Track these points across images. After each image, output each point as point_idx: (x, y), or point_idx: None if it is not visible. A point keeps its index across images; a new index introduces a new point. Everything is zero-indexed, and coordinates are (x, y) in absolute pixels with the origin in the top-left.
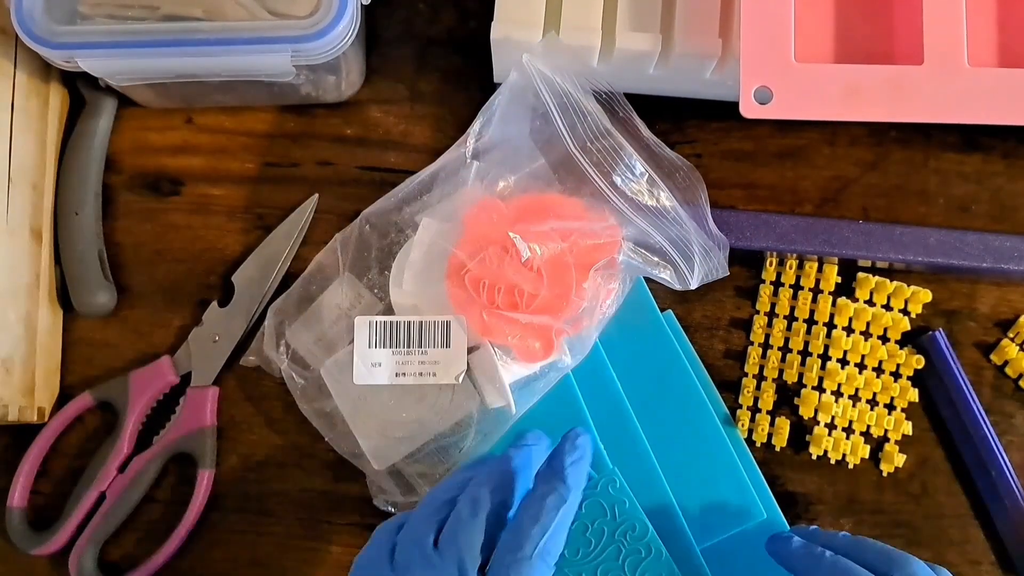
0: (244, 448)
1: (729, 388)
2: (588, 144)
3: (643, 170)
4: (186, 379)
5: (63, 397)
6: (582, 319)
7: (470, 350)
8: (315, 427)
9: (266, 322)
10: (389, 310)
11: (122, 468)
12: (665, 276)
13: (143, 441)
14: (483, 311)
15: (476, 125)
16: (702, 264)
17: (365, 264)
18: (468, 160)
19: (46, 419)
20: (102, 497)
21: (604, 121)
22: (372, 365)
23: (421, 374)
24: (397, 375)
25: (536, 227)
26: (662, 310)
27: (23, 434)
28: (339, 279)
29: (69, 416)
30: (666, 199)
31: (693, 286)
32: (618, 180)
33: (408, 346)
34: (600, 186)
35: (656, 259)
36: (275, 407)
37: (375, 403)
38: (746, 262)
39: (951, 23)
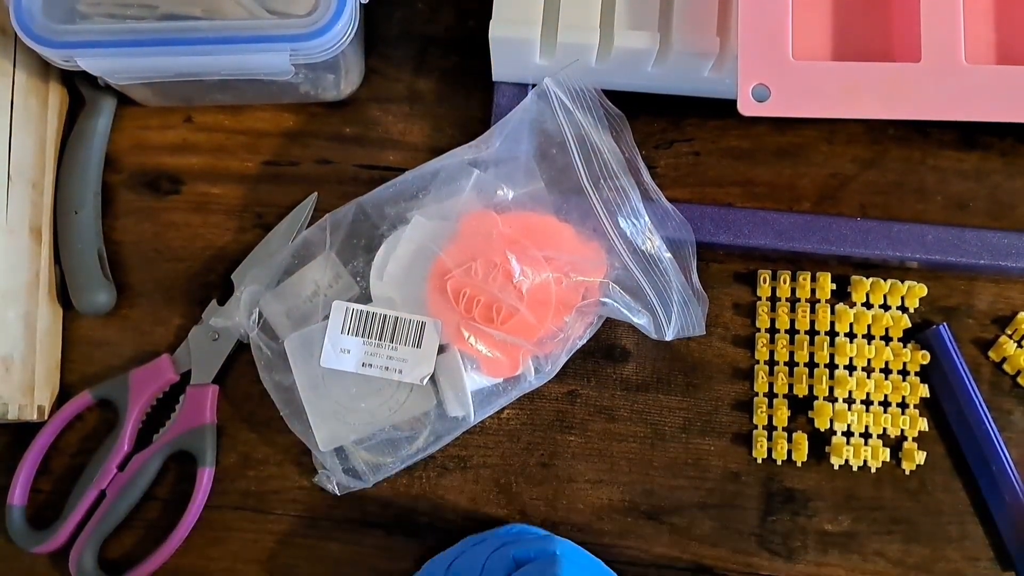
0: (244, 446)
1: (741, 408)
2: (600, 182)
3: (646, 218)
4: (186, 377)
5: (63, 395)
6: (553, 345)
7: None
8: (273, 401)
9: (242, 287)
10: (364, 298)
11: (122, 466)
12: (642, 322)
13: (143, 439)
14: (460, 319)
15: (490, 137)
16: (680, 316)
17: (352, 251)
18: (469, 167)
19: (46, 417)
20: (102, 495)
21: (616, 163)
22: (341, 351)
23: (387, 368)
24: (363, 365)
25: (532, 251)
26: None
27: (23, 432)
28: (323, 256)
29: (69, 414)
30: (660, 247)
31: (668, 337)
32: (622, 222)
33: (380, 339)
34: (605, 224)
35: (637, 304)
36: (274, 405)
37: (334, 386)
38: (741, 279)
39: (948, 20)
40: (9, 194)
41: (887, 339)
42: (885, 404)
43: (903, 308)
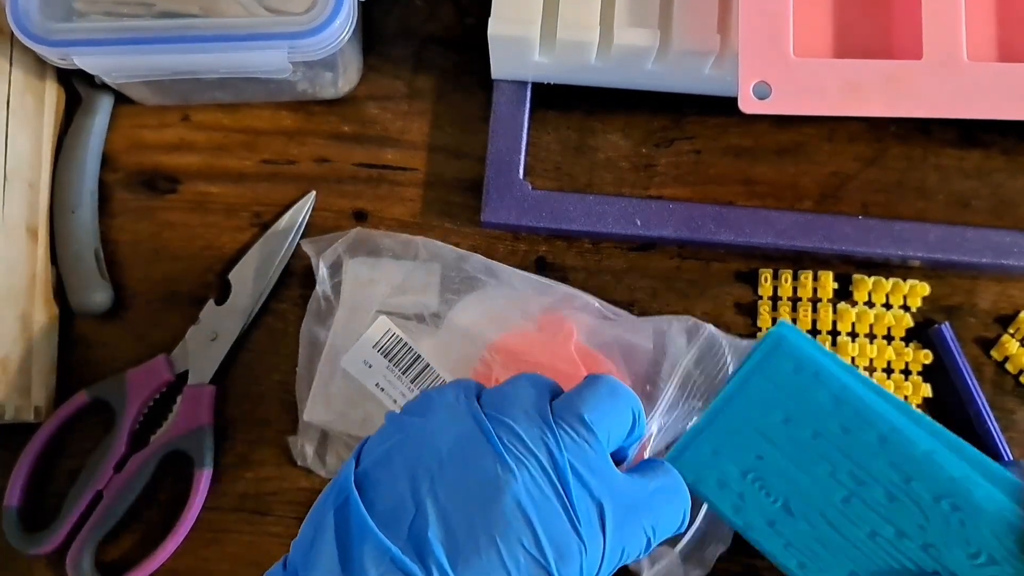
0: (242, 447)
1: None
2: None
3: None
4: (183, 378)
5: (60, 396)
6: None
7: None
8: (299, 351)
9: (350, 235)
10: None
11: (119, 467)
12: None
13: (140, 440)
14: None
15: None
16: None
17: (452, 284)
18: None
19: (43, 418)
20: (99, 496)
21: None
22: (364, 362)
23: (395, 402)
24: (375, 385)
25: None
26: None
27: (19, 433)
28: (430, 265)
29: (66, 415)
30: None
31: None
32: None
33: (402, 372)
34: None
35: None
36: (272, 405)
37: (349, 376)
38: (742, 278)
39: (950, 17)
40: (5, 193)
41: (889, 338)
42: None
43: (905, 307)
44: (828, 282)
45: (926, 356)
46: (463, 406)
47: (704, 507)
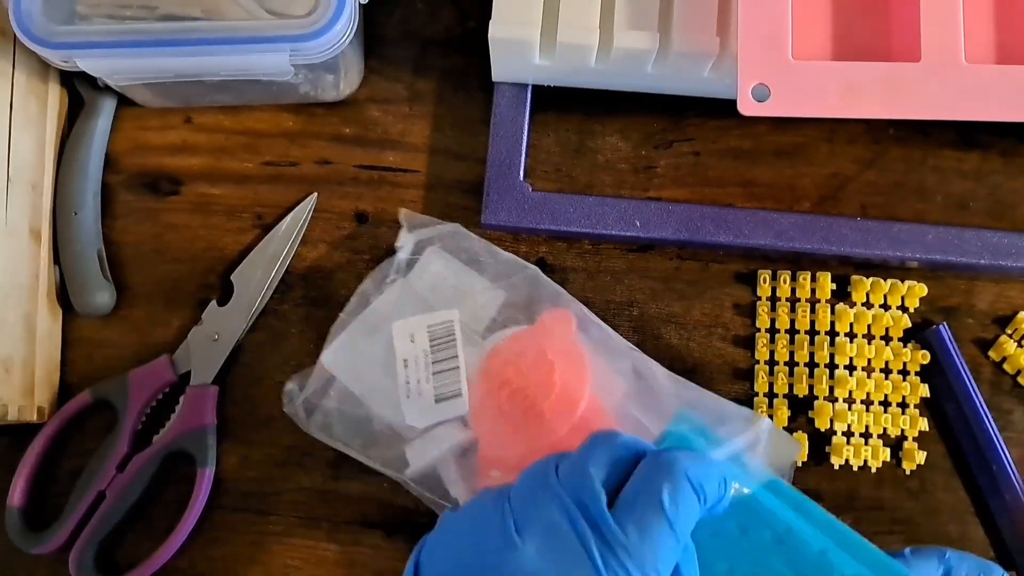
0: (243, 447)
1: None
2: None
3: None
4: (185, 378)
5: (63, 396)
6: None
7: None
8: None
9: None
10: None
11: (121, 467)
12: None
13: (143, 440)
14: (489, 393)
15: None
16: None
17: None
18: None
19: (45, 418)
20: (102, 496)
21: None
22: (411, 335)
23: (407, 383)
24: (403, 360)
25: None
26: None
27: (23, 433)
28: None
29: (68, 415)
30: None
31: None
32: None
33: (432, 363)
34: None
35: None
36: (274, 406)
37: (377, 342)
38: (741, 279)
39: (948, 20)
40: (9, 195)
41: (887, 339)
42: (885, 404)
43: (903, 308)
44: (826, 283)
45: (924, 356)
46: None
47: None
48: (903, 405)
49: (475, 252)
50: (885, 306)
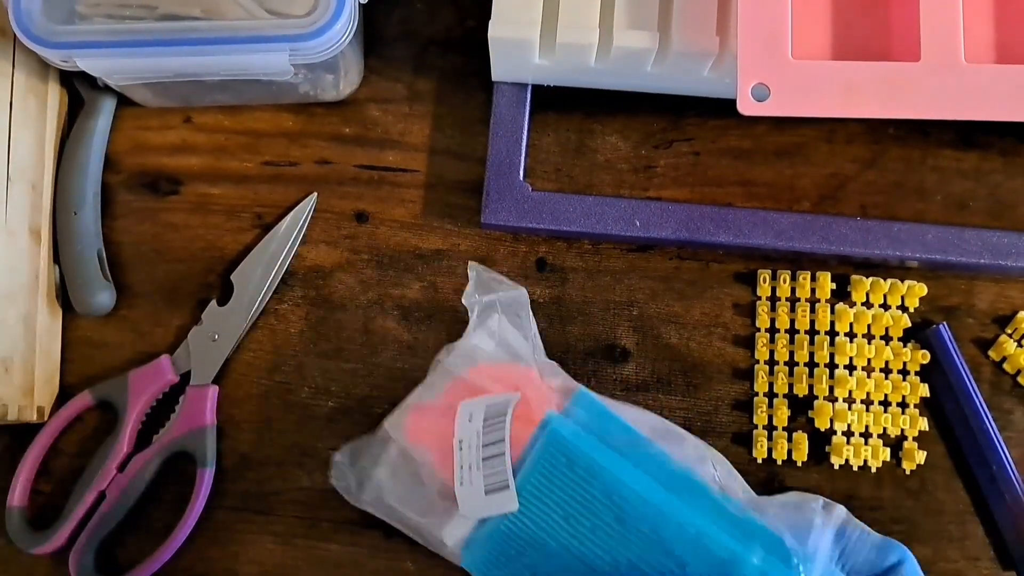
0: (244, 447)
1: (741, 408)
2: None
3: None
4: (185, 378)
5: (63, 396)
6: None
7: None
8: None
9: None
10: None
11: (122, 467)
12: None
13: (143, 440)
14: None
15: None
16: None
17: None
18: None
19: (46, 418)
20: (102, 496)
21: None
22: (469, 415)
23: (460, 468)
24: (458, 440)
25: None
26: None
27: (23, 433)
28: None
29: (69, 415)
30: None
31: None
32: None
33: (483, 445)
34: None
35: None
36: (274, 406)
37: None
38: (741, 279)
39: (948, 19)
40: (8, 195)
41: (887, 339)
42: (885, 404)
43: (903, 308)
44: (826, 283)
45: (924, 356)
46: None
47: None
48: (903, 405)
49: (525, 328)
50: (885, 306)
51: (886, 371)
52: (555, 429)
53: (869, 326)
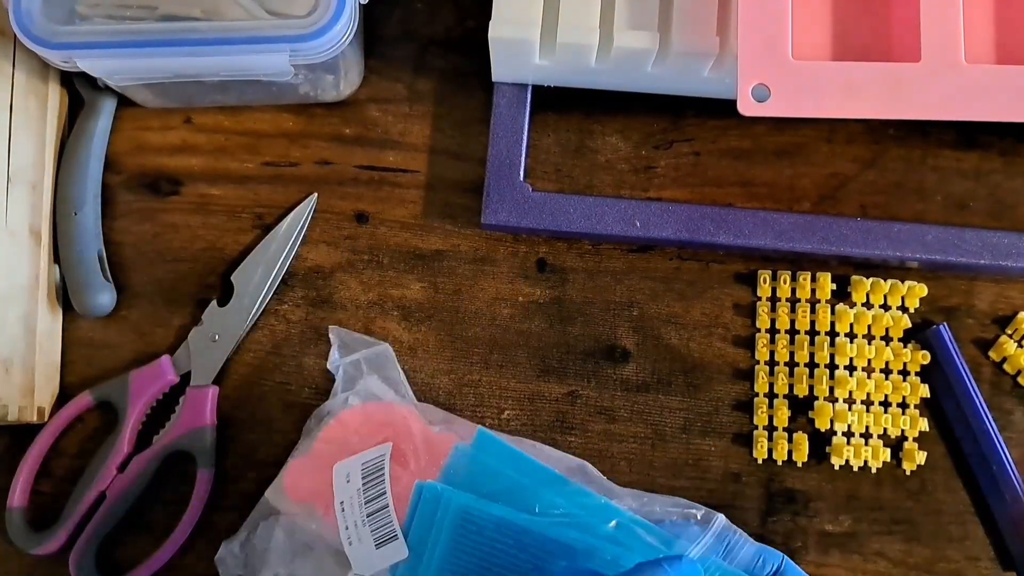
0: (243, 447)
1: (741, 408)
2: None
3: None
4: (186, 378)
5: (63, 397)
6: None
7: None
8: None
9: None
10: None
11: (122, 468)
12: None
13: (143, 440)
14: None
15: None
16: None
17: None
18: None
19: (46, 419)
20: (102, 497)
21: None
22: (347, 476)
23: (346, 528)
24: (340, 503)
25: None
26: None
27: (23, 434)
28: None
29: (69, 416)
30: None
31: None
32: None
33: (365, 502)
34: None
35: None
36: (274, 406)
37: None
38: (741, 279)
39: (948, 20)
40: (9, 195)
41: (887, 339)
42: (885, 404)
43: (903, 308)
44: (826, 283)
45: (924, 357)
46: None
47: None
48: (903, 405)
49: (395, 382)
50: (885, 306)
51: (886, 372)
52: (427, 498)
53: (869, 327)
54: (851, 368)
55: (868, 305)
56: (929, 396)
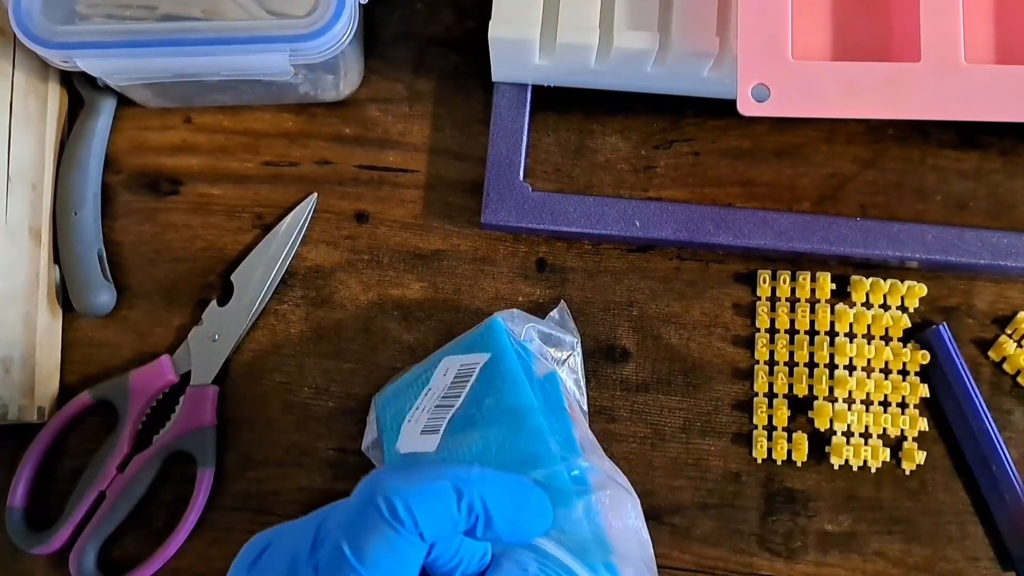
0: (244, 447)
1: (741, 408)
2: None
3: None
4: (185, 378)
5: (63, 397)
6: None
7: None
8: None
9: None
10: None
11: (122, 467)
12: None
13: (143, 440)
14: None
15: None
16: None
17: None
18: None
19: (46, 419)
20: (102, 496)
21: None
22: (445, 370)
23: (416, 408)
24: (427, 390)
25: None
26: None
27: (23, 434)
28: None
29: (69, 416)
30: None
31: None
32: None
33: (440, 395)
34: None
35: None
36: (275, 406)
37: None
38: (741, 279)
39: (948, 20)
40: (8, 195)
41: (887, 339)
42: (885, 404)
43: (903, 308)
44: (826, 283)
45: (923, 357)
46: None
47: None
48: (903, 405)
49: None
50: (885, 306)
51: (886, 371)
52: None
53: (869, 326)
54: (851, 368)
55: (868, 305)
56: (929, 396)
